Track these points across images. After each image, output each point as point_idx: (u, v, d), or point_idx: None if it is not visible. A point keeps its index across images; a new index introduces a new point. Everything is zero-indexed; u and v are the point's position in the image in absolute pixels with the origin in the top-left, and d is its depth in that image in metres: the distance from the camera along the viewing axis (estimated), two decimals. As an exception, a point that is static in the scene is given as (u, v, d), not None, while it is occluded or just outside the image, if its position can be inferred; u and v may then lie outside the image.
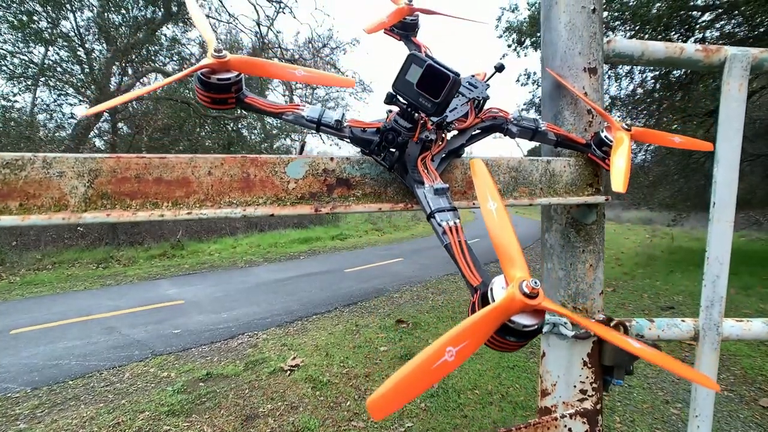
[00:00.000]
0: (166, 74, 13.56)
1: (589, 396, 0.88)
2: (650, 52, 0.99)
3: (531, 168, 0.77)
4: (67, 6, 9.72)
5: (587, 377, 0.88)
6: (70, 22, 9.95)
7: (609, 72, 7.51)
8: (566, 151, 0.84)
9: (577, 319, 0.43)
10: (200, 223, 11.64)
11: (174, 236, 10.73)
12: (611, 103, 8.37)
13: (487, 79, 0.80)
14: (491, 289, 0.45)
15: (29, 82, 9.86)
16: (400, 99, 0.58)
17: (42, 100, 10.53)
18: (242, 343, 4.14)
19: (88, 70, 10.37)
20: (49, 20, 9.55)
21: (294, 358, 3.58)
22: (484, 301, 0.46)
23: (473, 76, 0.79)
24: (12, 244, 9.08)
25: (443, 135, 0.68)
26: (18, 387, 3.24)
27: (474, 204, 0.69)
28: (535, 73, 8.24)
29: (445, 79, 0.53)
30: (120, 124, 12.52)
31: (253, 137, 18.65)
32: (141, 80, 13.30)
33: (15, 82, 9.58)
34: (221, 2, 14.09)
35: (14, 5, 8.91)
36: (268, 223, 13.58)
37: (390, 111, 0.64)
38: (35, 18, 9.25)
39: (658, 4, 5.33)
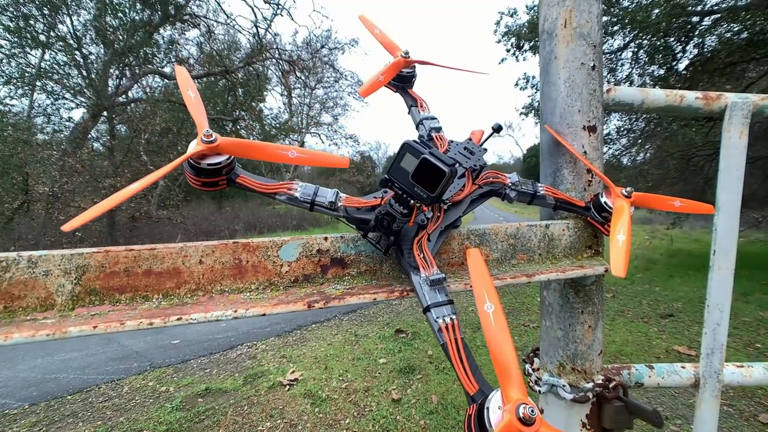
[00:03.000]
0: (165, 76, 13.51)
1: (588, 457, 0.87)
2: (650, 101, 0.98)
3: (529, 234, 0.76)
4: (63, 9, 9.67)
5: (586, 438, 0.87)
6: (67, 26, 9.90)
7: (608, 76, 7.50)
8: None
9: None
10: (199, 227, 11.64)
11: (173, 240, 10.70)
12: (610, 107, 8.34)
13: (484, 141, 0.79)
14: (488, 408, 0.44)
15: (27, 87, 9.81)
16: (396, 185, 0.56)
17: (39, 104, 10.49)
18: (241, 355, 4.13)
19: (85, 73, 10.33)
20: (46, 24, 9.50)
21: (293, 371, 3.58)
22: (480, 417, 0.45)
23: (469, 139, 0.78)
24: (10, 249, 9.06)
25: (440, 207, 0.67)
26: (16, 403, 3.23)
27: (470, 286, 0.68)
28: (534, 77, 8.24)
29: (441, 175, 0.52)
30: (119, 126, 12.48)
31: (252, 138, 18.63)
32: (139, 82, 13.26)
33: (12, 87, 9.54)
34: (218, 3, 14.02)
35: (10, 9, 8.86)
36: (267, 225, 13.59)
37: (385, 192, 0.63)
38: (31, 22, 9.20)
39: (657, 11, 5.30)
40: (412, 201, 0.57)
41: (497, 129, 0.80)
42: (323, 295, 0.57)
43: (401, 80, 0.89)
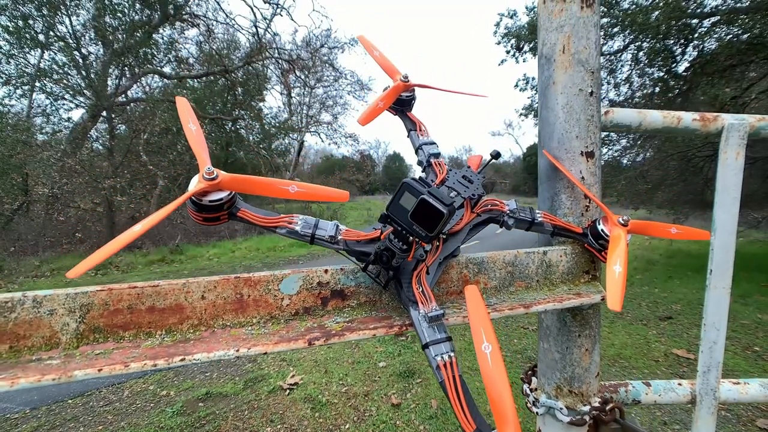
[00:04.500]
0: (164, 75, 13.50)
1: (585, 479, 0.88)
2: (648, 122, 0.99)
3: (527, 261, 0.77)
4: (62, 9, 9.64)
5: (583, 460, 0.88)
6: (66, 27, 9.87)
7: (608, 77, 7.50)
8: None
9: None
10: (198, 228, 11.63)
11: (173, 240, 10.72)
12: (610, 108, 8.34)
13: (482, 168, 0.79)
14: (485, 451, 0.45)
15: (26, 87, 9.80)
16: (395, 222, 0.57)
17: (38, 105, 10.47)
18: (241, 358, 4.14)
19: (84, 73, 10.31)
20: (45, 24, 9.48)
21: (293, 375, 3.59)
22: (478, 457, 0.46)
23: (468, 167, 0.78)
24: (10, 250, 9.07)
25: (438, 238, 0.68)
26: (17, 407, 3.24)
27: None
28: (533, 79, 8.22)
29: (440, 216, 0.53)
30: (119, 126, 12.45)
31: (251, 137, 18.63)
32: (138, 82, 13.24)
33: (11, 87, 9.53)
34: (218, 2, 13.99)
35: (8, 10, 8.84)
36: (267, 225, 13.59)
37: (384, 226, 0.64)
38: (30, 22, 9.18)
39: (656, 13, 5.30)
40: (411, 237, 0.58)
41: (495, 156, 0.81)
42: (323, 331, 0.58)
43: (400, 104, 0.89)
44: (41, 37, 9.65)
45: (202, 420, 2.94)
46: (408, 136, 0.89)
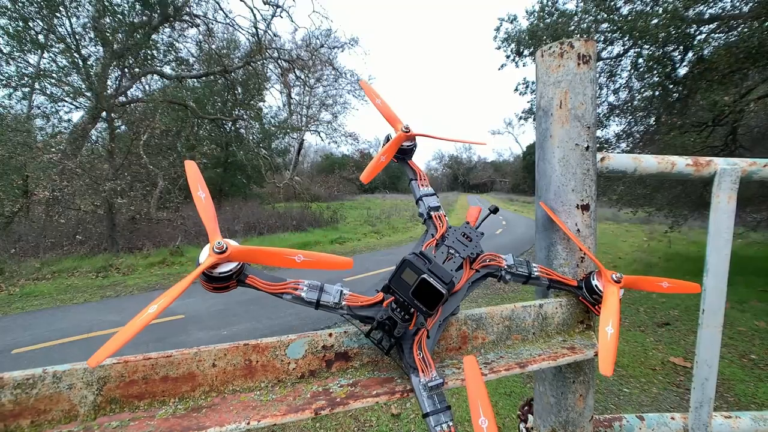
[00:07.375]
0: (164, 76, 13.49)
1: None
2: (643, 167, 1.01)
3: (524, 314, 0.79)
4: (61, 10, 9.62)
5: (577, 500, 0.91)
6: (65, 28, 9.86)
7: (607, 81, 7.52)
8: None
9: None
10: (199, 228, 11.65)
11: (173, 242, 10.74)
12: (610, 111, 8.37)
13: (480, 223, 0.82)
14: None
15: (26, 89, 9.80)
16: (397, 294, 0.60)
17: (38, 106, 10.48)
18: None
19: (84, 75, 10.30)
20: (45, 26, 9.47)
21: (294, 383, 3.63)
22: None
23: (467, 222, 0.81)
24: (11, 251, 9.09)
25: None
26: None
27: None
28: (533, 83, 8.23)
29: (439, 296, 0.56)
30: (119, 125, 12.44)
31: (251, 137, 18.65)
32: (138, 81, 13.23)
33: (11, 89, 9.53)
34: (217, 2, 13.97)
35: (8, 11, 8.83)
36: (267, 226, 13.61)
37: (387, 294, 0.66)
38: (30, 24, 9.17)
39: (655, 21, 5.31)
40: (412, 309, 0.60)
41: (494, 210, 0.83)
42: (329, 399, 0.61)
43: (402, 152, 0.92)
44: (41, 38, 9.65)
45: (204, 430, 2.97)
46: (409, 185, 0.92)
